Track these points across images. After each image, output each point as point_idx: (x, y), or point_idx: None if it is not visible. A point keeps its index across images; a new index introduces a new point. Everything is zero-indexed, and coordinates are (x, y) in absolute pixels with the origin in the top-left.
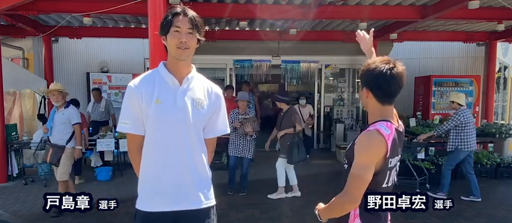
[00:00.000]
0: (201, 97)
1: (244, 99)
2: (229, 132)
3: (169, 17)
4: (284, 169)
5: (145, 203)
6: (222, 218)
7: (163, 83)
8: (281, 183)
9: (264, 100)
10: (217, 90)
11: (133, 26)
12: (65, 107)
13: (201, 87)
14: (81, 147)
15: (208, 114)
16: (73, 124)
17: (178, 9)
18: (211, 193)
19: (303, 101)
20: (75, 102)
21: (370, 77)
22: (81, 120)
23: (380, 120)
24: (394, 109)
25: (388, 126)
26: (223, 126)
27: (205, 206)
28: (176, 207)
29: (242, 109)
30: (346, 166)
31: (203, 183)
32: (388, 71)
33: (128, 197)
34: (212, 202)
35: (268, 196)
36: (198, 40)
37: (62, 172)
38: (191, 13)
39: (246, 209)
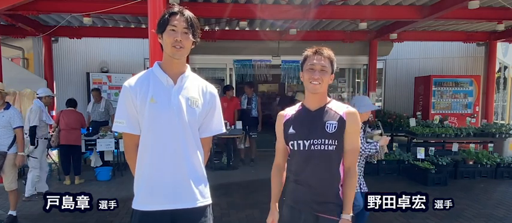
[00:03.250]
0: (195, 96)
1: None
2: (224, 131)
3: (167, 16)
4: None
5: (142, 202)
6: (222, 218)
7: (157, 82)
8: None
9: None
10: (212, 89)
11: (133, 26)
12: (4, 109)
13: (195, 86)
14: (23, 153)
15: (203, 113)
16: (14, 128)
17: (176, 8)
18: (208, 191)
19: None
20: (73, 102)
21: None
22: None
23: None
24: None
25: None
26: (218, 125)
27: (201, 205)
28: (173, 206)
29: None
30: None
31: (199, 181)
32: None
33: (128, 197)
34: (208, 200)
35: None
36: (193, 42)
37: (9, 181)
38: (188, 13)
39: (246, 209)
